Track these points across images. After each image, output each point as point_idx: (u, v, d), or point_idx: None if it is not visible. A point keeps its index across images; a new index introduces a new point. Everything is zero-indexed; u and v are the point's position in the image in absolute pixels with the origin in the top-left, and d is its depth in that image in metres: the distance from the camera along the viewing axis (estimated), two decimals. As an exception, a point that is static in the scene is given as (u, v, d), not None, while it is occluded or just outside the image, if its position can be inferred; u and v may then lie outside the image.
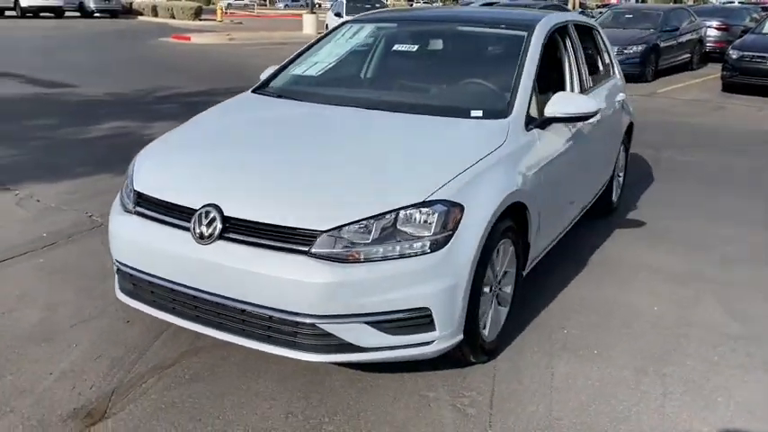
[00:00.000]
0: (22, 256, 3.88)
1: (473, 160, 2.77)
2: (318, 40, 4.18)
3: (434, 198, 2.52)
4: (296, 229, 2.43)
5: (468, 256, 2.54)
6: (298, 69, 3.97)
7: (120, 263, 2.82)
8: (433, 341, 2.54)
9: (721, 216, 5.08)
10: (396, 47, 4.04)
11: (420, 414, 2.58)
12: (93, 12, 30.25)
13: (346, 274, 2.37)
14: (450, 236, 2.50)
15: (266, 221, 2.46)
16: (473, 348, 2.79)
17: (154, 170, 2.93)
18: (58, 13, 28.91)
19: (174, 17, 30.00)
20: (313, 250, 2.39)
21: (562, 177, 3.49)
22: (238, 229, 2.49)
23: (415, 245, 2.44)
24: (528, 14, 4.19)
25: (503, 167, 2.87)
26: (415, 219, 2.47)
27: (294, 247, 2.41)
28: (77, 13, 30.25)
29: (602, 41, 4.82)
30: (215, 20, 30.13)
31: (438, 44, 4.04)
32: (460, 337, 2.63)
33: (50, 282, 3.58)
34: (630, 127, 5.12)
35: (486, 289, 2.82)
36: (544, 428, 2.53)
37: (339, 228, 2.41)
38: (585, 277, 3.90)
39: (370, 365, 2.78)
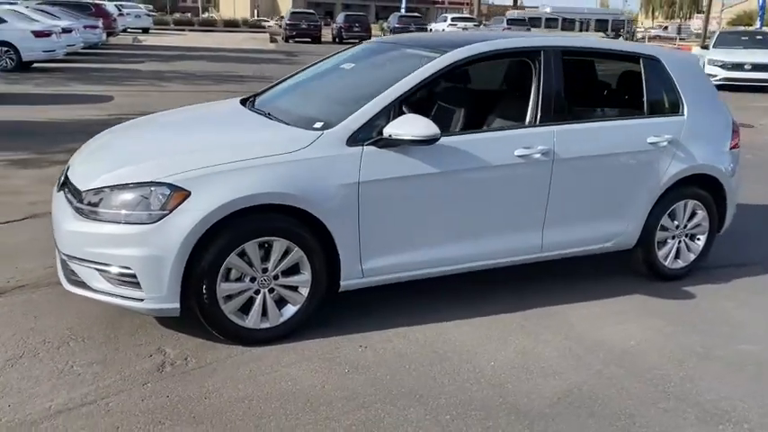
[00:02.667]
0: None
1: (245, 157, 3.10)
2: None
3: (162, 180, 2.98)
4: (76, 188, 3.19)
5: (180, 235, 2.92)
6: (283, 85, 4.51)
7: None
8: (143, 299, 3.01)
9: None
10: (342, 65, 4.31)
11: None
12: None
13: (82, 226, 3.04)
14: (166, 215, 2.93)
15: (72, 181, 3.29)
16: (211, 323, 3.12)
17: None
18: None
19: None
20: (75, 204, 3.12)
21: (428, 200, 3.41)
22: (67, 186, 3.36)
23: (135, 214, 2.96)
24: (477, 38, 3.97)
25: (280, 170, 3.10)
26: (140, 193, 2.98)
27: (74, 201, 3.17)
28: None
29: (645, 75, 4.11)
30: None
31: (372, 63, 4.20)
32: (176, 305, 3.01)
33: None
34: (697, 178, 4.17)
35: (248, 279, 3.12)
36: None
37: (90, 190, 3.08)
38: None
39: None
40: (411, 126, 3.22)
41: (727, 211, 4.37)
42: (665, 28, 51.79)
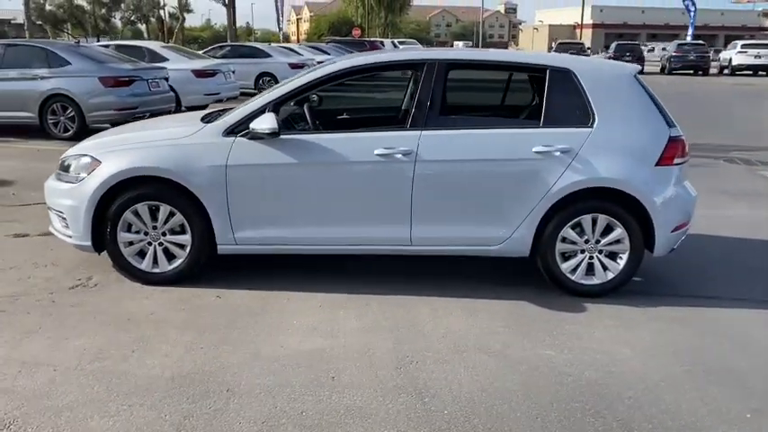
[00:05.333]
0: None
1: (145, 141, 4.22)
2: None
3: (87, 153, 4.25)
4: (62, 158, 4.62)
5: (89, 192, 4.12)
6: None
7: None
8: (71, 237, 4.28)
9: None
10: None
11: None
12: None
13: (50, 184, 4.44)
14: (85, 178, 4.18)
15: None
16: (114, 261, 4.26)
17: None
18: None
19: None
20: (57, 170, 4.53)
21: (290, 186, 4.08)
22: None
23: (71, 176, 4.25)
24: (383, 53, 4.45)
25: (163, 151, 4.12)
26: (75, 162, 4.26)
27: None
28: None
29: (549, 87, 4.17)
30: None
31: None
32: (89, 243, 4.22)
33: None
34: (607, 192, 4.07)
35: (143, 233, 4.23)
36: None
37: (61, 159, 4.47)
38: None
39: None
40: (260, 122, 3.98)
41: (657, 232, 4.12)
42: None
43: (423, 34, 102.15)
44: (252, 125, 4.02)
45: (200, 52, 18.34)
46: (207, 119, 4.41)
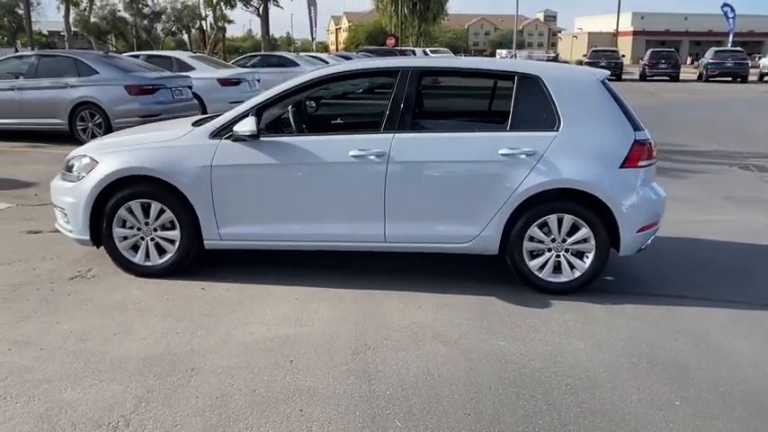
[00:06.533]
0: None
1: (138, 143, 4.55)
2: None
3: (86, 153, 4.60)
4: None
5: (87, 190, 4.47)
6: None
7: None
8: (72, 231, 4.63)
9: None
10: None
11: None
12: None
13: (56, 183, 4.80)
14: (84, 177, 4.53)
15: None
16: (111, 255, 4.59)
17: None
18: None
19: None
20: (62, 170, 4.90)
21: (271, 185, 4.35)
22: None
23: (72, 175, 4.60)
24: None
25: (153, 153, 4.44)
26: (77, 162, 4.62)
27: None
28: None
29: (516, 92, 4.36)
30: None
31: None
32: (87, 237, 4.56)
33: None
34: (571, 193, 4.25)
35: (136, 228, 4.55)
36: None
37: (66, 159, 4.83)
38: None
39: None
40: (242, 126, 4.27)
41: (622, 232, 4.27)
42: None
43: (460, 43, 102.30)
44: (235, 128, 4.31)
45: (230, 63, 18.87)
46: (198, 123, 4.72)
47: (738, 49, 35.04)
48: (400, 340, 3.66)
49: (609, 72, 4.78)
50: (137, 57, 14.11)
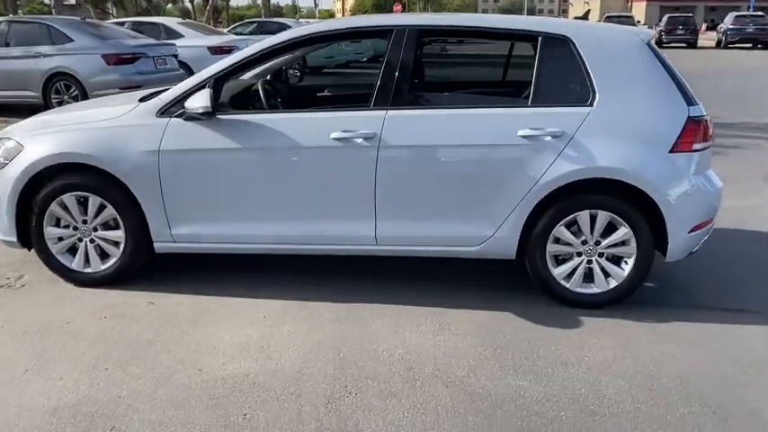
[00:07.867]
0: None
1: (72, 123, 3.69)
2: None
3: (10, 136, 3.74)
4: None
5: (10, 181, 3.63)
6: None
7: None
8: (-2, 231, 3.79)
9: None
10: None
11: None
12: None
13: None
14: (7, 164, 3.68)
15: None
16: (43, 260, 3.76)
17: None
18: None
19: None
20: None
21: (234, 175, 3.51)
22: None
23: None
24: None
25: (87, 134, 3.58)
26: (3, 145, 3.74)
27: None
28: None
29: (540, 58, 3.47)
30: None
31: None
32: (13, 238, 3.73)
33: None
34: (609, 184, 3.38)
35: (72, 228, 3.72)
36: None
37: None
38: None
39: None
40: (194, 100, 3.40)
41: (670, 232, 3.40)
42: None
43: (469, 10, 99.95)
44: (186, 103, 3.45)
45: (226, 30, 17.89)
46: (146, 99, 3.84)
47: (760, 14, 33.44)
48: (390, 380, 2.84)
49: (654, 32, 3.85)
50: (122, 24, 13.16)
